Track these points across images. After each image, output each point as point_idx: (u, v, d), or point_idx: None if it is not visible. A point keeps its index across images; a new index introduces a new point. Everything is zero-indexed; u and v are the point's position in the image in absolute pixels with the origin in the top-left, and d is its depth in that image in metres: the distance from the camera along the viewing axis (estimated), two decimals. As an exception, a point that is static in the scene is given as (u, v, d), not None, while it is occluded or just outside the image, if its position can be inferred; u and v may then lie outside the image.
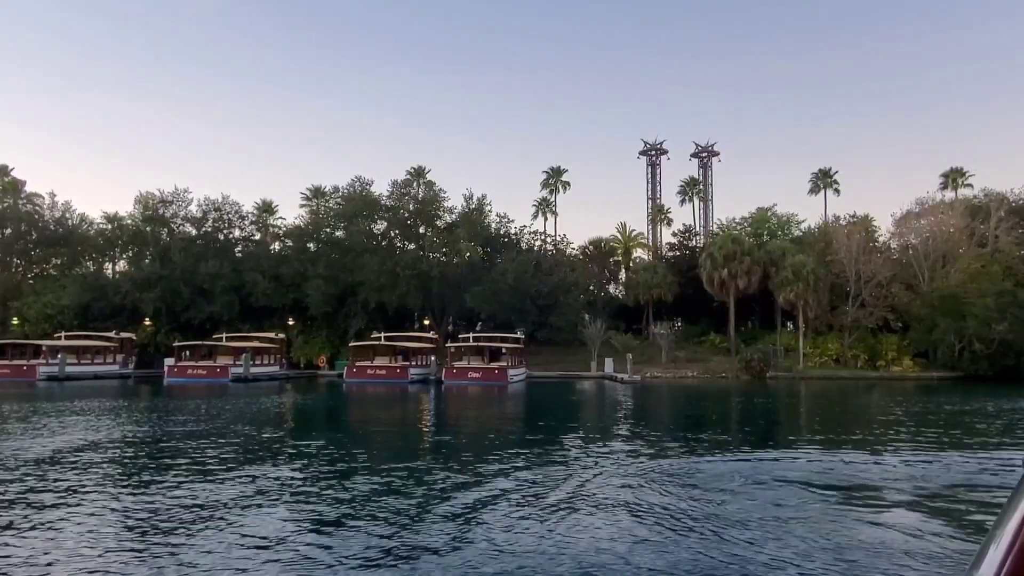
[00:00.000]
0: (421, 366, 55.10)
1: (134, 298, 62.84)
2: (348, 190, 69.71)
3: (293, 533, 8.88)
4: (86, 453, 15.42)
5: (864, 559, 7.72)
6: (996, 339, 51.36)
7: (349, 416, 29.15)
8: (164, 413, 25.75)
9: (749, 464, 14.39)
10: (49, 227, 71.76)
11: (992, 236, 61.33)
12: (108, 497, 10.88)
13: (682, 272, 68.31)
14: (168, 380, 49.89)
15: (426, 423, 25.99)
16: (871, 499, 11.20)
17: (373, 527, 9.13)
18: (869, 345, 58.65)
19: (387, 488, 11.84)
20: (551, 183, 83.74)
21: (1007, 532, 1.06)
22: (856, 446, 17.56)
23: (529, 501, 10.78)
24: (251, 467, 13.97)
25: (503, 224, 71.35)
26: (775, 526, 9.16)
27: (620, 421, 26.00)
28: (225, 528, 9.03)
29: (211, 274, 62.69)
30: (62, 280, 67.76)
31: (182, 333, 62.83)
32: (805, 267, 57.45)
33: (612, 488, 11.77)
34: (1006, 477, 13.00)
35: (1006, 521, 1.10)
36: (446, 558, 7.77)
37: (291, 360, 64.96)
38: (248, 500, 10.75)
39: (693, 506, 10.32)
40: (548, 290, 63.00)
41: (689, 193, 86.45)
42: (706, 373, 57.74)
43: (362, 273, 61.48)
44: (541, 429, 22.73)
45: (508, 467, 13.99)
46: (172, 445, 17.21)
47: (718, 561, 7.66)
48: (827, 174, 78.49)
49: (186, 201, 69.32)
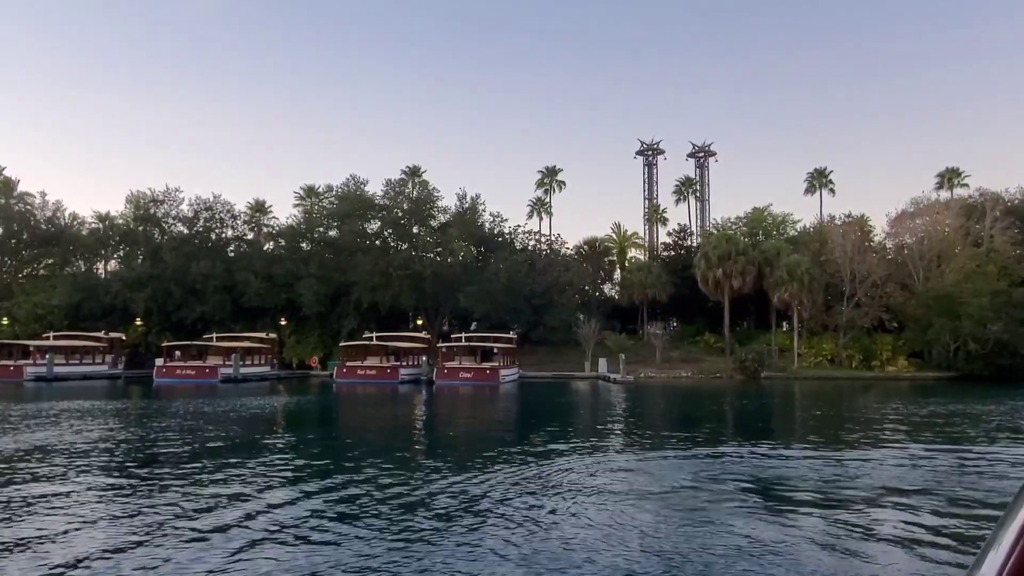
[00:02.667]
0: (412, 366, 54.71)
1: (125, 298, 62.37)
2: (342, 189, 69.36)
3: (262, 541, 8.58)
4: (48, 455, 15.04)
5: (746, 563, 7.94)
6: (991, 339, 51.08)
7: (331, 418, 28.77)
8: (142, 415, 25.38)
9: (695, 462, 14.78)
10: (40, 226, 71.24)
11: (987, 236, 61.06)
12: (65, 500, 10.51)
13: (677, 272, 67.95)
14: (156, 381, 49.47)
15: (410, 426, 25.64)
16: (785, 499, 11.42)
17: (345, 532, 8.79)
18: (864, 345, 58.36)
19: (353, 495, 11.48)
20: (546, 182, 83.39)
21: (1009, 534, 1.06)
22: (822, 446, 17.50)
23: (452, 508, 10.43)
24: (217, 473, 13.59)
25: (497, 224, 71.01)
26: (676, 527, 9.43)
27: (599, 422, 25.70)
28: (186, 536, 8.67)
29: (202, 274, 62.20)
30: (52, 280, 67.28)
31: (174, 333, 62.37)
32: (800, 267, 57.16)
33: (546, 488, 11.84)
34: (941, 478, 13.13)
35: (1009, 522, 1.08)
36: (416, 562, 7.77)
37: (283, 360, 64.54)
38: (209, 507, 10.38)
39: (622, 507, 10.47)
40: (542, 290, 62.60)
41: (685, 193, 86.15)
42: (700, 373, 57.41)
43: (355, 273, 61.07)
44: (515, 432, 22.37)
45: (461, 476, 13.64)
46: (139, 446, 16.83)
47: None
48: (823, 174, 78.22)
49: (178, 200, 68.89)
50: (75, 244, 71.17)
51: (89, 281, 66.72)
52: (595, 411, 30.81)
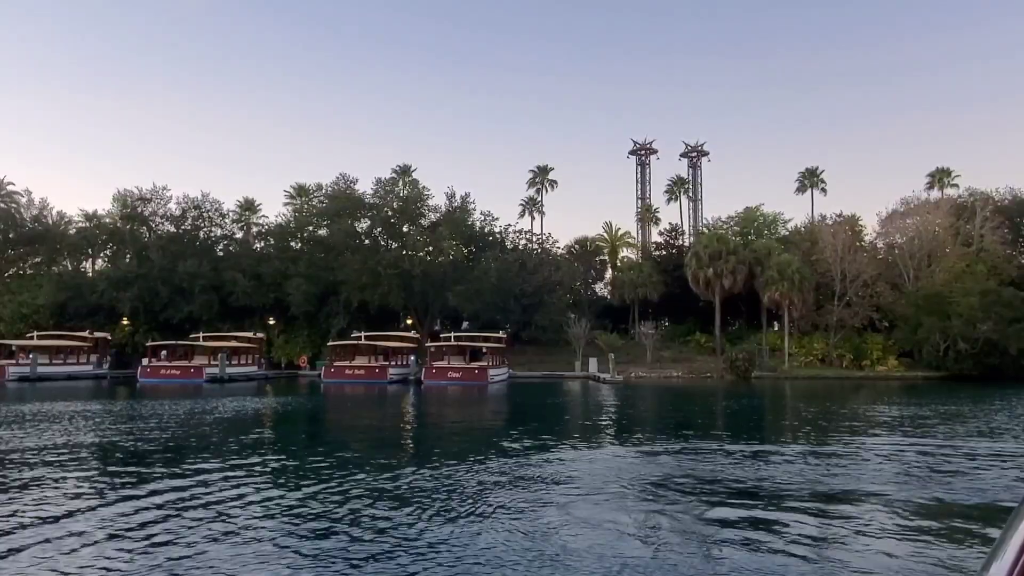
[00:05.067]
0: (401, 366, 54.33)
1: (110, 297, 61.72)
2: (332, 188, 68.82)
3: (233, 546, 8.28)
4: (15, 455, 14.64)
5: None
6: (980, 338, 51.05)
7: (311, 420, 28.26)
8: (118, 416, 24.90)
9: (680, 461, 14.66)
10: (26, 225, 70.49)
11: (977, 235, 61.06)
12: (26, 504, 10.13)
13: (668, 271, 67.72)
14: (140, 381, 48.92)
15: (393, 427, 25.29)
16: (771, 497, 11.29)
17: (322, 535, 8.46)
18: (854, 345, 58.28)
19: (326, 498, 11.14)
20: (537, 182, 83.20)
21: (1014, 542, 1.06)
22: (809, 445, 17.41)
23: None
24: (179, 479, 13.22)
25: (487, 223, 70.57)
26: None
27: (585, 423, 25.42)
28: (145, 543, 8.31)
29: (190, 273, 61.58)
30: (38, 279, 66.58)
31: (160, 333, 61.76)
32: (790, 266, 57.00)
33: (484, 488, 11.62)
34: (925, 477, 12.95)
35: (1014, 530, 1.09)
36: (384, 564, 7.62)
37: (271, 360, 64.03)
38: (171, 511, 10.02)
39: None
40: (532, 289, 62.25)
41: (676, 192, 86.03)
42: (691, 373, 57.21)
43: (344, 272, 60.62)
44: (500, 433, 22.03)
45: (416, 474, 13.31)
46: (107, 449, 16.44)
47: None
48: (814, 173, 78.25)
49: (165, 199, 68.28)
50: (61, 243, 70.46)
51: (75, 280, 66.01)
52: (580, 411, 30.50)
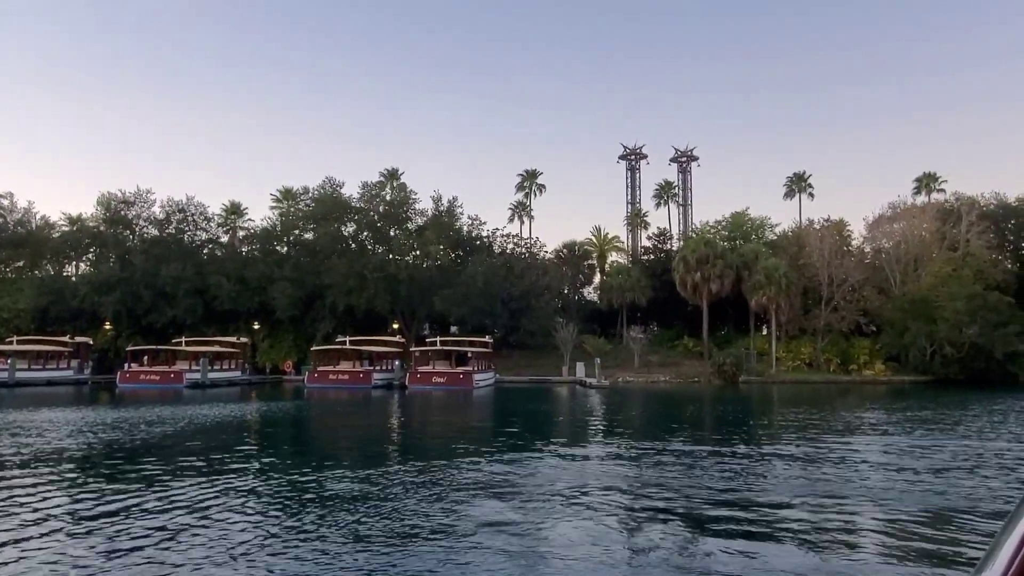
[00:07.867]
0: (386, 371, 53.81)
1: (92, 301, 60.86)
2: (319, 192, 68.27)
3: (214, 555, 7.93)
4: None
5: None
6: (967, 343, 51.12)
7: (293, 425, 27.77)
8: (87, 423, 24.29)
9: (663, 465, 14.19)
10: (9, 229, 69.56)
11: (963, 240, 61.24)
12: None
13: (657, 276, 67.53)
14: (120, 386, 48.16)
15: (374, 432, 24.82)
16: (756, 502, 11.08)
17: (299, 540, 8.04)
18: (841, 349, 58.27)
19: (298, 508, 10.71)
20: (526, 186, 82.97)
21: (1009, 544, 1.07)
22: (794, 448, 17.01)
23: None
24: (147, 489, 12.75)
25: (475, 227, 70.21)
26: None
27: (568, 427, 25.07)
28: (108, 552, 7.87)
29: (173, 277, 60.82)
30: (19, 283, 65.63)
31: (144, 337, 60.97)
32: (777, 271, 56.94)
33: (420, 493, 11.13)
34: (913, 480, 12.75)
35: (1014, 525, 1.10)
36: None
37: (256, 365, 63.30)
38: (140, 519, 9.57)
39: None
40: (520, 293, 61.90)
41: (665, 197, 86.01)
42: (679, 378, 56.95)
43: (330, 275, 60.06)
44: (482, 438, 21.63)
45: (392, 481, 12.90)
46: (63, 457, 15.93)
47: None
48: (802, 178, 78.41)
49: (149, 202, 67.51)
50: (44, 247, 69.56)
51: (56, 284, 65.07)
52: (566, 416, 30.13)
